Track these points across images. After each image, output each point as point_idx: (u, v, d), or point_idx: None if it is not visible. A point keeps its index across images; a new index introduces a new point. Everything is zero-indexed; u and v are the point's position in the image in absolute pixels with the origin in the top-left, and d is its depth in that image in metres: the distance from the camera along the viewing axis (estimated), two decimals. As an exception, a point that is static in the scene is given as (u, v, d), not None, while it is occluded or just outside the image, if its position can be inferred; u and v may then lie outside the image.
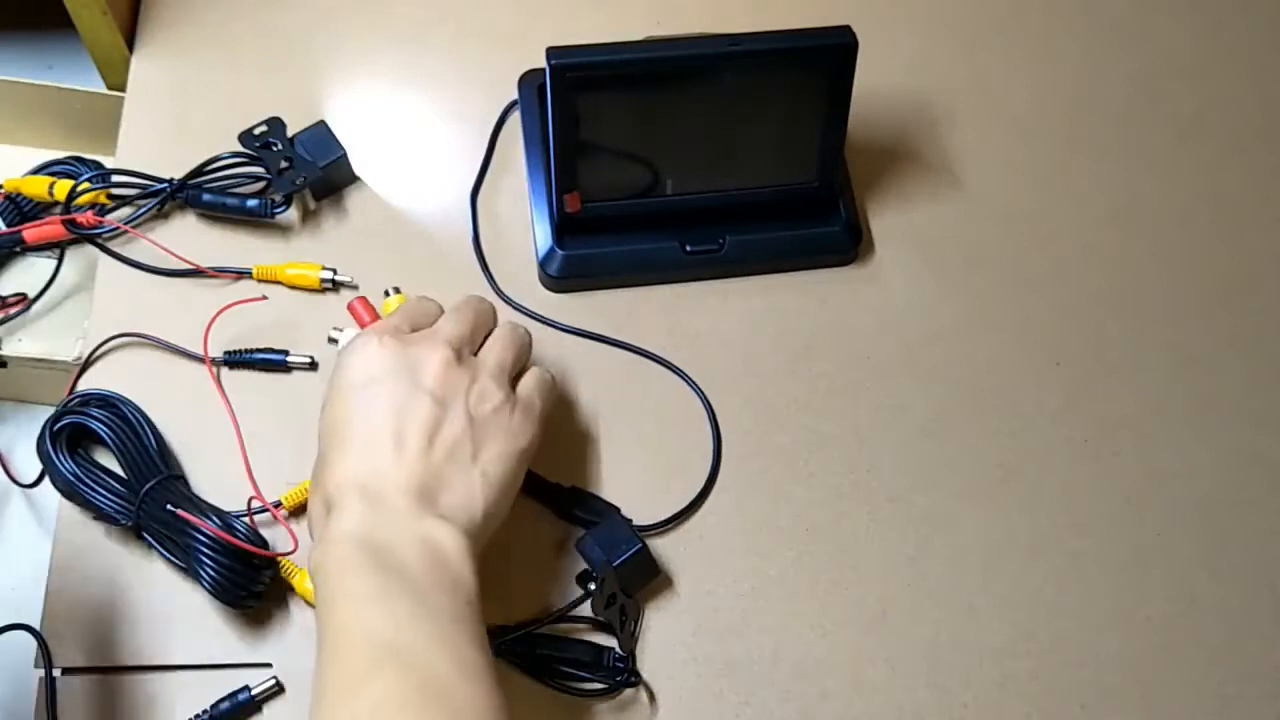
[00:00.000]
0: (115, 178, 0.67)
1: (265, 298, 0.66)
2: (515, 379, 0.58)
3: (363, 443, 0.53)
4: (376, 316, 0.62)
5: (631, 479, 0.63)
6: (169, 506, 0.56)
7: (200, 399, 0.63)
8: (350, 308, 0.62)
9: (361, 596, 0.48)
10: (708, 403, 0.65)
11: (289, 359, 0.64)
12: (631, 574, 0.59)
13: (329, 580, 0.49)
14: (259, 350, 0.64)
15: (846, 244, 0.70)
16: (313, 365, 0.64)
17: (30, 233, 0.66)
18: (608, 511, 0.61)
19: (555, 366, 0.65)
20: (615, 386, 0.66)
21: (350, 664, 0.47)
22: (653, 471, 0.63)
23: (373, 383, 0.54)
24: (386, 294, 0.65)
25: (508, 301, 0.68)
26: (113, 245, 0.67)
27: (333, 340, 0.64)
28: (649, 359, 0.67)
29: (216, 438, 0.62)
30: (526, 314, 0.67)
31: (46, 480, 0.60)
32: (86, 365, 0.63)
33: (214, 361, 0.63)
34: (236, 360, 0.64)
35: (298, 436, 0.62)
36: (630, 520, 0.60)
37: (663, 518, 0.62)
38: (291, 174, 0.67)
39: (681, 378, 0.66)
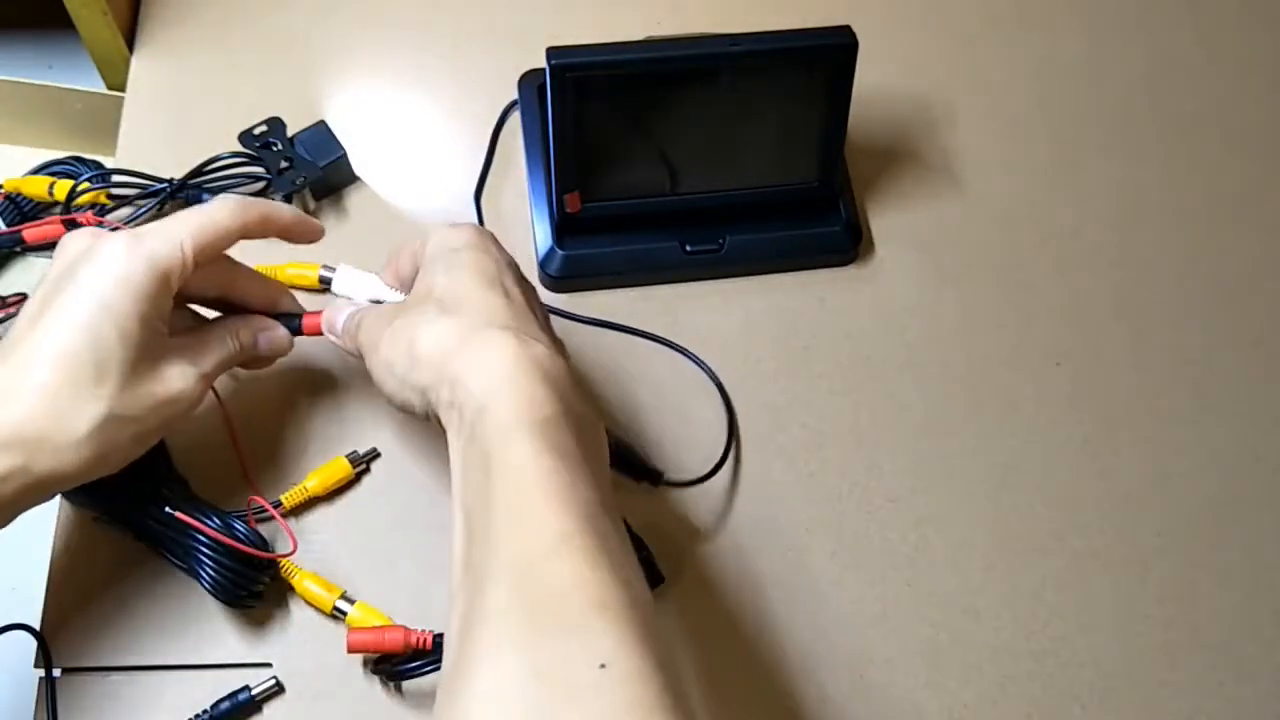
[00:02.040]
0: (115, 178, 0.67)
1: None
2: None
3: (510, 296, 0.51)
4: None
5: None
6: (168, 509, 0.56)
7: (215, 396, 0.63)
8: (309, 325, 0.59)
9: (555, 454, 0.44)
10: (725, 394, 0.65)
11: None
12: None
13: (507, 410, 0.45)
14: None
15: (846, 244, 0.70)
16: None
17: (30, 233, 0.66)
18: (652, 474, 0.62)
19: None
20: (619, 377, 0.66)
21: (541, 531, 0.42)
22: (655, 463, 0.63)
23: (490, 254, 0.54)
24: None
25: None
26: (113, 245, 0.67)
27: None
28: (660, 343, 0.67)
29: (217, 438, 0.62)
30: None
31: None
32: None
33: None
34: None
35: (297, 436, 0.62)
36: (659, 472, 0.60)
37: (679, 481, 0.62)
38: (291, 174, 0.67)
39: (698, 364, 0.66)
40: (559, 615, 0.40)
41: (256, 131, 0.68)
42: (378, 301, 0.59)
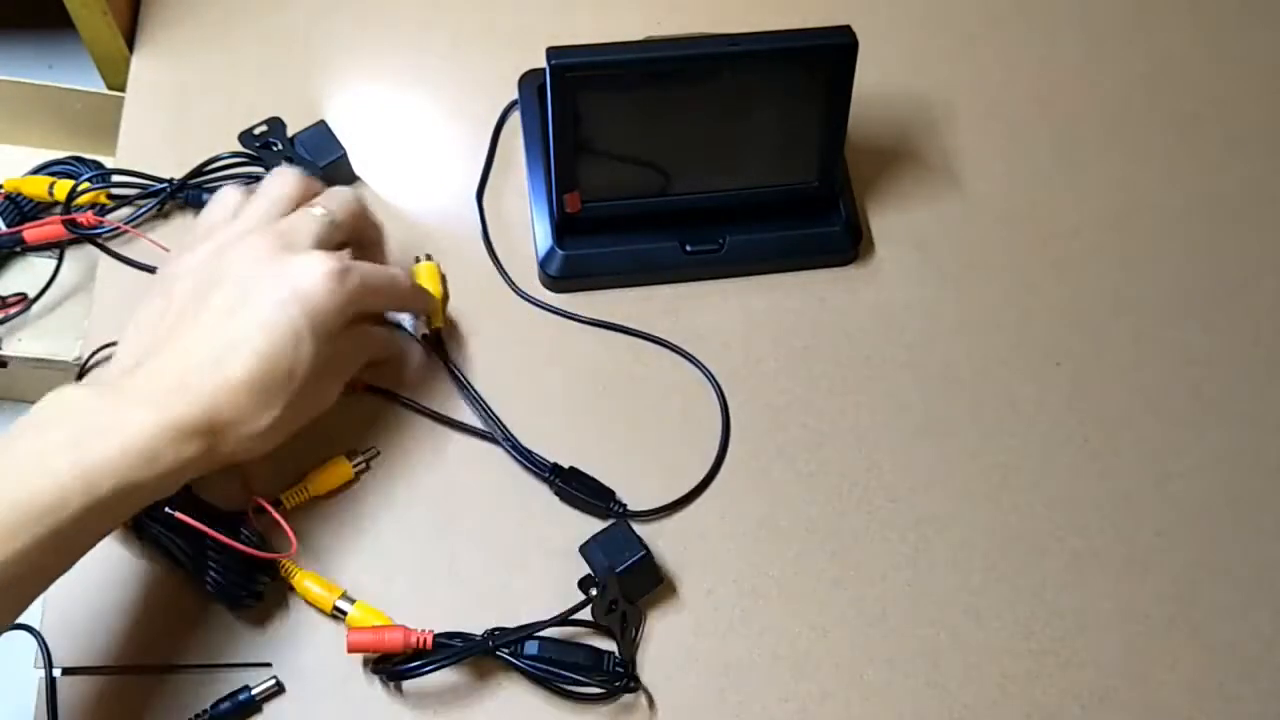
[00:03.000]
0: (115, 178, 0.67)
1: None
2: None
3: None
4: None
5: (630, 471, 0.63)
6: (168, 509, 0.56)
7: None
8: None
9: None
10: (721, 394, 0.65)
11: None
12: (634, 581, 0.59)
13: None
14: None
15: (846, 244, 0.70)
16: None
17: (30, 233, 0.66)
18: (604, 494, 0.62)
19: (561, 357, 0.66)
20: (619, 377, 0.66)
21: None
22: (651, 468, 0.63)
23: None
24: (417, 260, 0.67)
25: (524, 296, 0.68)
26: (113, 245, 0.67)
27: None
28: (658, 344, 0.67)
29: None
30: (538, 305, 0.68)
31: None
32: (86, 365, 0.63)
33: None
34: None
35: (297, 436, 0.62)
36: (619, 504, 0.60)
37: (657, 508, 0.62)
38: (291, 174, 0.67)
39: (697, 366, 0.66)
40: None
41: (256, 131, 0.68)
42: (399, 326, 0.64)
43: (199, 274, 0.55)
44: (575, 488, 0.61)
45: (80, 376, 0.62)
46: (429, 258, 0.67)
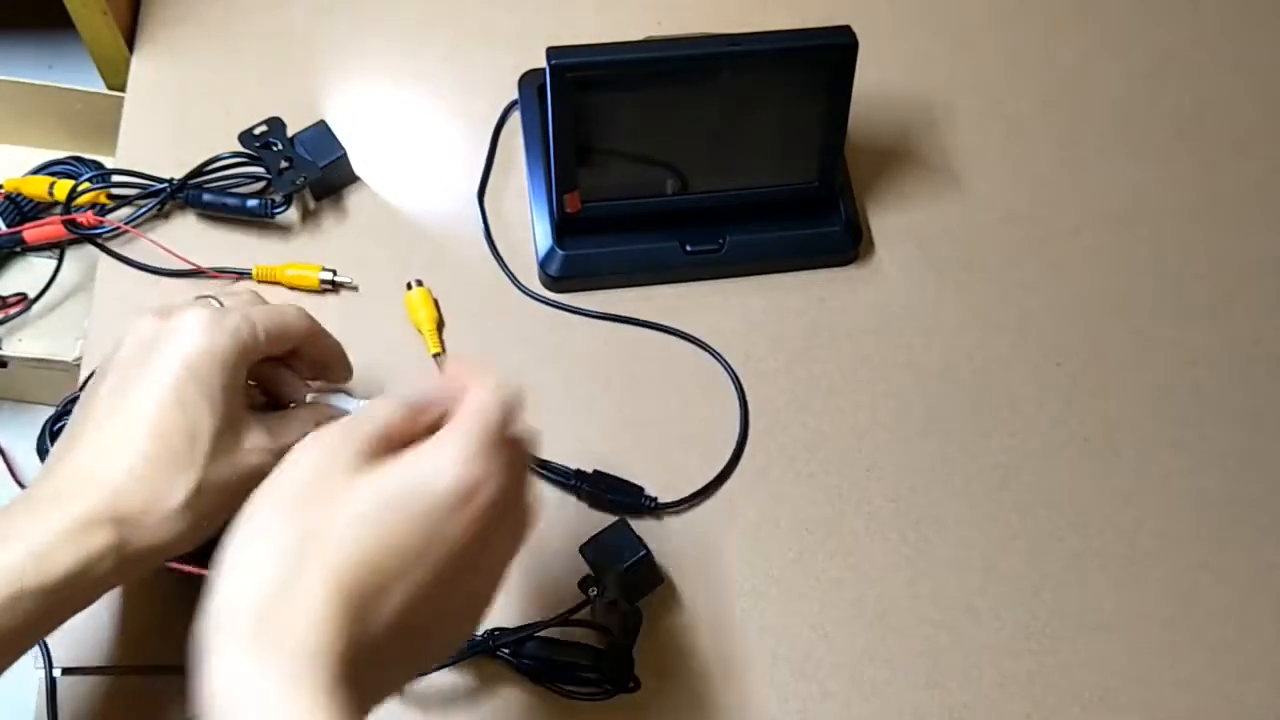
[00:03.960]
0: (115, 178, 0.67)
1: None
2: None
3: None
4: None
5: (645, 467, 0.63)
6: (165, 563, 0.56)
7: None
8: None
9: None
10: (740, 389, 0.66)
11: None
12: (635, 581, 0.59)
13: None
14: None
15: (846, 244, 0.70)
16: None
17: (30, 233, 0.66)
18: (632, 493, 0.62)
19: (564, 355, 0.66)
20: (624, 375, 0.66)
21: None
22: (664, 463, 0.63)
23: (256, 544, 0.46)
24: (409, 286, 0.65)
25: (528, 294, 0.68)
26: (113, 245, 0.67)
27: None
28: (679, 336, 0.67)
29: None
30: (544, 302, 0.68)
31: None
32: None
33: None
34: None
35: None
36: (650, 499, 0.60)
37: (680, 499, 0.62)
38: (291, 174, 0.67)
39: (715, 357, 0.66)
40: None
41: (256, 131, 0.68)
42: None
43: (97, 374, 0.52)
44: (605, 490, 0.62)
45: (81, 374, 0.63)
46: (419, 283, 0.66)
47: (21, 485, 0.59)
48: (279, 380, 0.56)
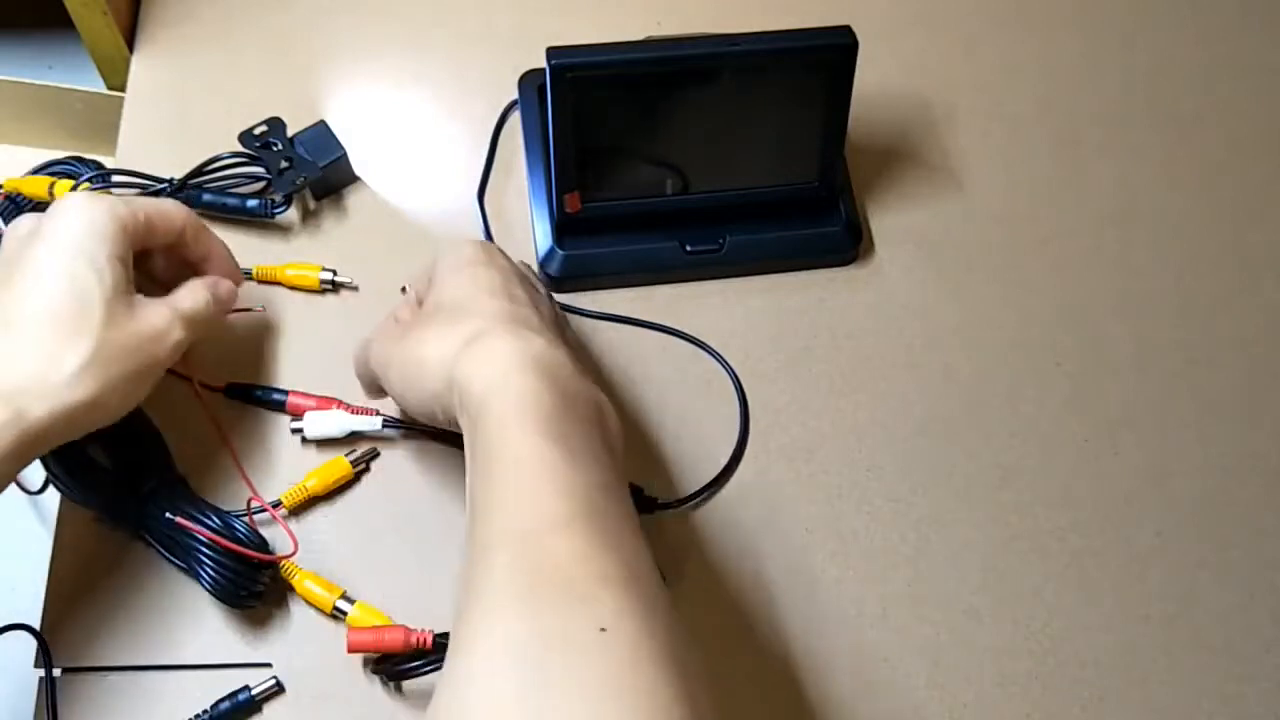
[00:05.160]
0: (115, 178, 0.67)
1: (262, 308, 0.66)
2: None
3: (513, 299, 0.53)
4: None
5: (632, 471, 0.63)
6: (168, 514, 0.56)
7: (199, 398, 0.63)
8: None
9: (552, 440, 0.45)
10: (741, 389, 0.66)
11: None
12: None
13: (506, 404, 0.46)
14: (257, 387, 0.63)
15: (846, 244, 0.70)
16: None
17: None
18: (633, 490, 0.61)
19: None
20: (625, 374, 0.66)
21: (539, 508, 0.44)
22: (655, 468, 0.63)
23: (505, 267, 0.56)
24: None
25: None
26: (113, 245, 0.67)
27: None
28: (680, 337, 0.67)
29: (217, 437, 0.62)
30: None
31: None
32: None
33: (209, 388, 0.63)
34: (237, 395, 0.63)
35: (297, 435, 0.62)
36: (650, 499, 0.60)
37: (682, 499, 0.62)
38: (291, 174, 0.67)
39: (716, 358, 0.66)
40: (560, 584, 0.41)
41: (256, 131, 0.68)
42: (356, 433, 0.61)
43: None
44: None
45: None
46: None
47: (23, 489, 0.59)
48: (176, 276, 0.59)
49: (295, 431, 0.62)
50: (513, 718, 0.38)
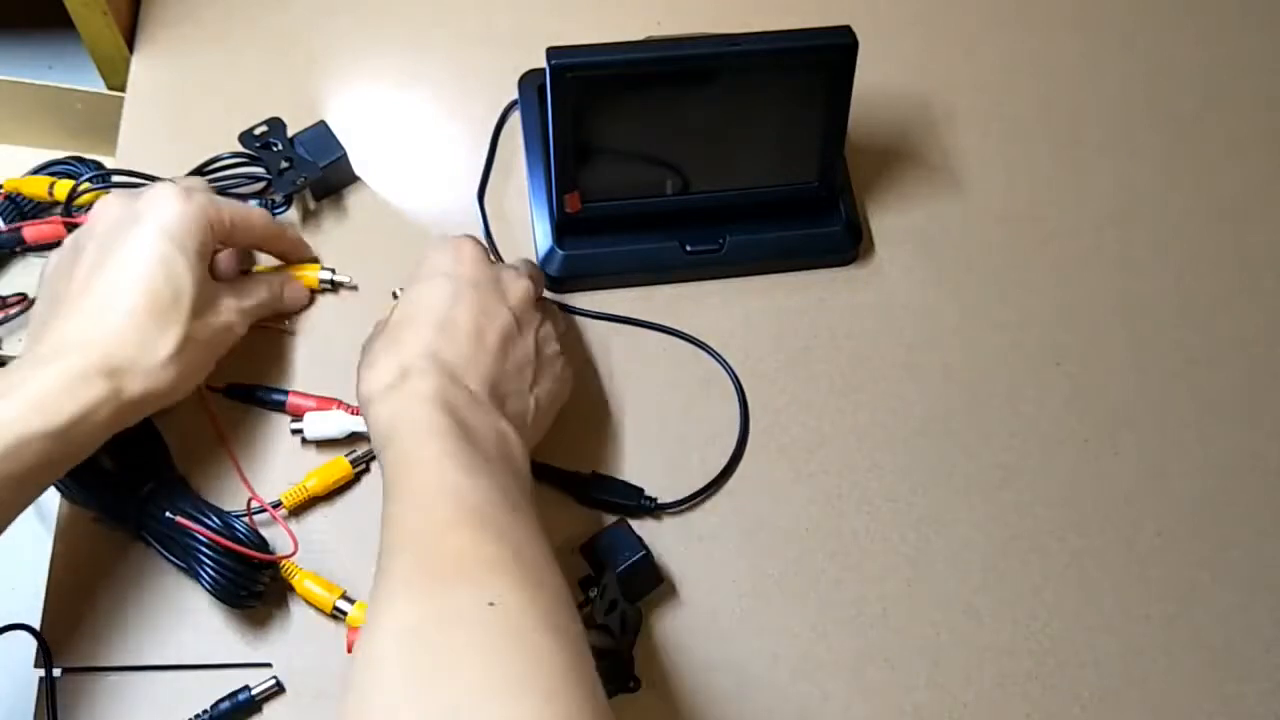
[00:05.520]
0: (115, 178, 0.67)
1: (294, 331, 0.66)
2: None
3: (445, 327, 0.55)
4: None
5: (632, 471, 0.63)
6: (168, 514, 0.56)
7: (200, 398, 0.63)
8: None
9: (447, 457, 0.49)
10: (741, 389, 0.66)
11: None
12: (634, 581, 0.59)
13: (408, 434, 0.51)
14: (257, 387, 0.63)
15: (846, 244, 0.70)
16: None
17: (30, 232, 0.66)
18: (631, 494, 0.62)
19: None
20: (624, 375, 0.66)
21: (435, 513, 0.47)
22: (655, 468, 0.63)
23: (462, 281, 0.57)
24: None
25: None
26: (113, 245, 0.67)
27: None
28: (680, 337, 0.67)
29: (217, 436, 0.62)
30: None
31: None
32: None
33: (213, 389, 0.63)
34: (237, 395, 0.63)
35: (297, 435, 0.62)
36: (650, 499, 0.60)
37: (680, 500, 0.62)
38: (292, 174, 0.67)
39: (716, 358, 0.66)
40: (453, 571, 0.45)
41: (256, 131, 0.68)
42: (356, 434, 0.62)
43: (66, 251, 0.57)
44: (604, 490, 0.62)
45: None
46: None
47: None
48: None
49: (295, 432, 0.62)
50: (400, 696, 0.41)
